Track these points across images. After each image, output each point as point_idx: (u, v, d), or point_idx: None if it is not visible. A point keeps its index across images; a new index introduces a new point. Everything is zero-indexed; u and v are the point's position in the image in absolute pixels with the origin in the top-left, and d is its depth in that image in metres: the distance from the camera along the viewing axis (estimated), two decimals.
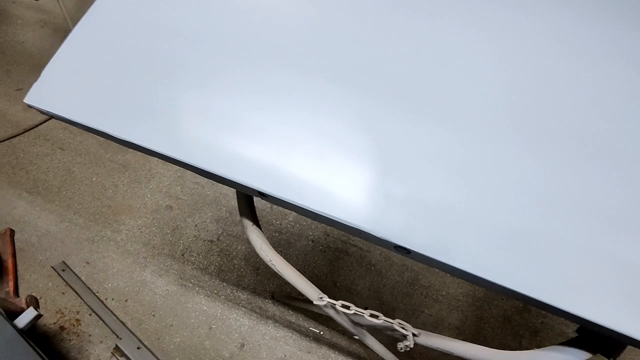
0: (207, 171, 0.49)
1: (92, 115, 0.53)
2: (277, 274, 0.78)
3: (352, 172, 0.47)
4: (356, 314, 0.62)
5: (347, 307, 0.61)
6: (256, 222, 0.61)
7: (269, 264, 0.62)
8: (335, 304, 0.61)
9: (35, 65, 1.91)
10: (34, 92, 0.55)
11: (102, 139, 1.70)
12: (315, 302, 0.62)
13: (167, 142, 0.51)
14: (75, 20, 2.04)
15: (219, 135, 0.50)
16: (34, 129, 1.74)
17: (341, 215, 0.45)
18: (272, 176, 0.47)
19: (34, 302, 1.33)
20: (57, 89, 0.56)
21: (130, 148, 0.56)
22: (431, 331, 0.69)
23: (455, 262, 0.43)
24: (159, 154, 0.52)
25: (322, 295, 0.62)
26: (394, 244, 0.43)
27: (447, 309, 1.34)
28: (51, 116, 0.55)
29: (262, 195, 0.48)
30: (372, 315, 0.62)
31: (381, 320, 0.61)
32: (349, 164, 0.48)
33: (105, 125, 0.52)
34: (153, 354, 1.26)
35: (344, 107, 0.51)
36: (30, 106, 0.55)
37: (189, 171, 0.56)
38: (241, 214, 0.61)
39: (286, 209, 0.50)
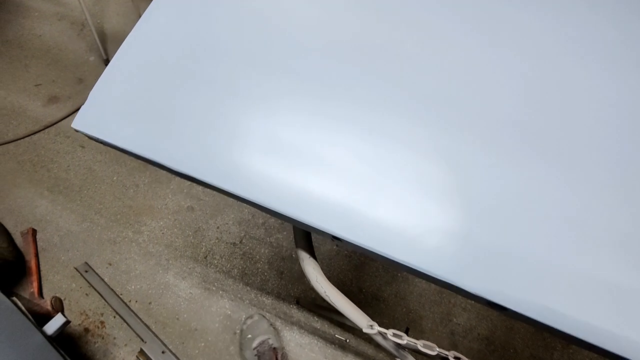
0: (277, 212, 0.46)
1: (146, 143, 0.49)
2: (300, 278, 0.76)
3: (440, 217, 0.43)
4: (408, 343, 0.59)
5: (399, 337, 0.58)
6: (313, 254, 0.58)
7: (323, 295, 0.59)
8: (386, 333, 0.58)
9: (53, 59, 1.88)
10: (81, 117, 0.51)
11: None
12: (364, 330, 0.59)
13: (232, 179, 0.47)
14: (92, 13, 1.99)
15: (286, 171, 0.46)
16: (54, 126, 1.72)
17: (430, 267, 0.41)
18: (348, 219, 0.43)
19: (58, 304, 1.33)
20: (105, 113, 0.52)
21: (189, 180, 0.53)
22: (459, 341, 0.66)
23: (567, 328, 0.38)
24: (225, 191, 0.48)
25: (372, 323, 0.59)
26: (487, 300, 0.40)
27: (475, 318, 1.31)
28: (101, 143, 0.52)
29: (337, 239, 0.44)
30: (425, 346, 0.59)
31: (435, 352, 0.58)
32: (436, 208, 0.44)
33: (160, 155, 0.49)
34: (178, 358, 1.25)
35: (429, 143, 0.47)
36: (77, 131, 0.52)
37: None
38: (297, 246, 0.58)
39: (363, 255, 0.46)
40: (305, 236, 0.58)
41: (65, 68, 1.87)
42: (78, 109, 1.80)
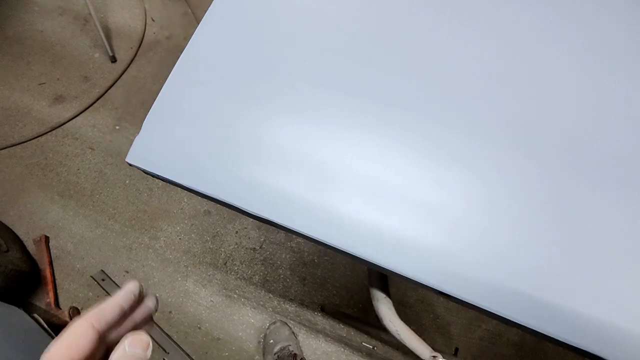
0: (371, 262, 0.42)
1: (209, 179, 0.44)
2: (324, 284, 0.70)
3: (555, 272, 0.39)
4: None
5: None
6: (388, 294, 0.54)
7: (394, 333, 0.55)
8: None
9: (56, 56, 1.81)
10: (136, 149, 0.46)
11: (132, 137, 1.62)
12: None
13: (321, 227, 0.42)
14: (96, 7, 1.90)
15: (369, 215, 0.42)
16: (62, 127, 1.65)
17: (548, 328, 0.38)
18: (452, 272, 0.39)
19: (77, 314, 1.29)
20: (161, 145, 0.47)
21: (258, 221, 0.48)
22: (488, 347, 0.64)
23: None
24: (305, 235, 0.43)
25: (436, 354, 0.55)
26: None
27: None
28: (158, 178, 0.47)
29: (441, 294, 0.40)
30: None
31: None
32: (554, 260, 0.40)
33: (224, 193, 0.44)
34: None
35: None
36: (131, 165, 0.46)
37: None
38: (372, 285, 0.54)
39: (468, 308, 0.42)
40: (382, 277, 0.54)
41: (70, 65, 1.79)
42: (86, 109, 1.73)
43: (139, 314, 0.35)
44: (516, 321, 0.40)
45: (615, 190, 0.42)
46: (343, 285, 1.35)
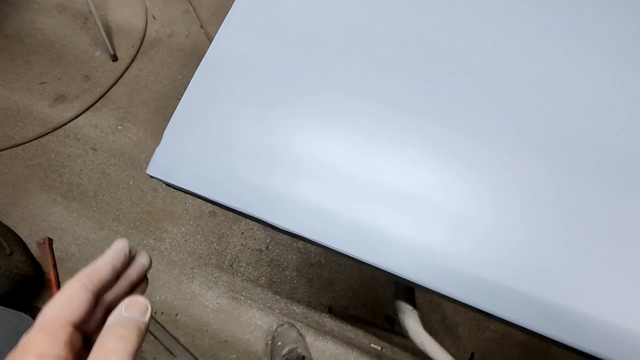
0: (407, 279, 0.40)
1: (237, 193, 0.43)
2: (331, 285, 0.68)
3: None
4: None
5: None
6: (415, 306, 0.53)
7: (419, 345, 0.54)
8: None
9: (57, 55, 1.78)
10: (156, 161, 0.44)
11: (135, 138, 1.60)
12: None
13: (360, 243, 0.40)
14: (96, 4, 1.87)
15: (407, 232, 0.41)
16: (63, 127, 1.63)
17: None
18: (498, 292, 0.38)
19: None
20: (183, 156, 0.45)
21: (291, 236, 0.46)
22: (497, 348, 0.64)
23: None
24: (344, 253, 0.42)
25: None
26: None
27: None
28: (181, 191, 0.45)
29: (486, 314, 0.39)
30: None
31: None
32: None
33: (255, 209, 0.42)
34: None
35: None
36: (152, 177, 0.45)
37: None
38: (398, 298, 0.53)
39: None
40: (410, 290, 0.53)
41: (70, 64, 1.77)
42: (87, 109, 1.70)
43: (133, 271, 0.33)
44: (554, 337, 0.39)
45: (624, 191, 0.41)
46: (350, 287, 1.34)
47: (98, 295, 0.29)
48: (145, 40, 1.81)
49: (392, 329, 1.28)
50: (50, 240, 1.41)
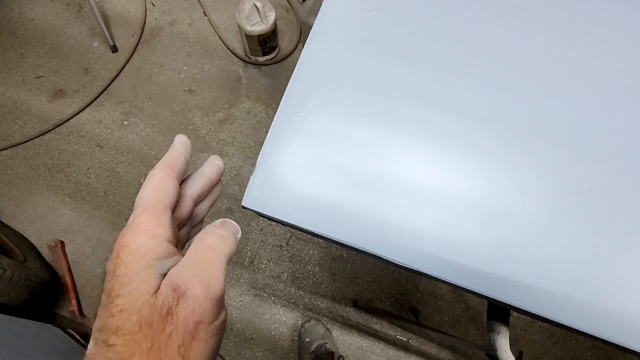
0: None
1: (339, 224, 0.40)
2: (354, 279, 0.65)
3: None
4: None
5: None
6: (508, 325, 0.52)
7: None
8: None
9: (52, 47, 1.68)
10: (251, 191, 0.39)
11: (142, 133, 1.54)
12: None
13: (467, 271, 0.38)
14: None
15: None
16: (65, 124, 1.56)
17: None
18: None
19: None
20: (280, 185, 0.41)
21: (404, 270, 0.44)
22: (521, 334, 0.64)
23: None
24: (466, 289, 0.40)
25: None
26: None
27: None
28: (279, 223, 0.42)
29: (612, 344, 0.38)
30: None
31: None
32: None
33: (361, 241, 0.39)
34: None
35: None
36: (246, 209, 0.41)
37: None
38: (491, 318, 0.51)
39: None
40: (505, 311, 0.51)
41: (67, 56, 1.68)
42: (89, 104, 1.63)
43: (208, 169, 0.32)
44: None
45: None
46: (374, 279, 1.33)
47: (178, 183, 0.29)
48: (145, 29, 1.72)
49: (417, 321, 1.28)
50: (63, 243, 1.37)
